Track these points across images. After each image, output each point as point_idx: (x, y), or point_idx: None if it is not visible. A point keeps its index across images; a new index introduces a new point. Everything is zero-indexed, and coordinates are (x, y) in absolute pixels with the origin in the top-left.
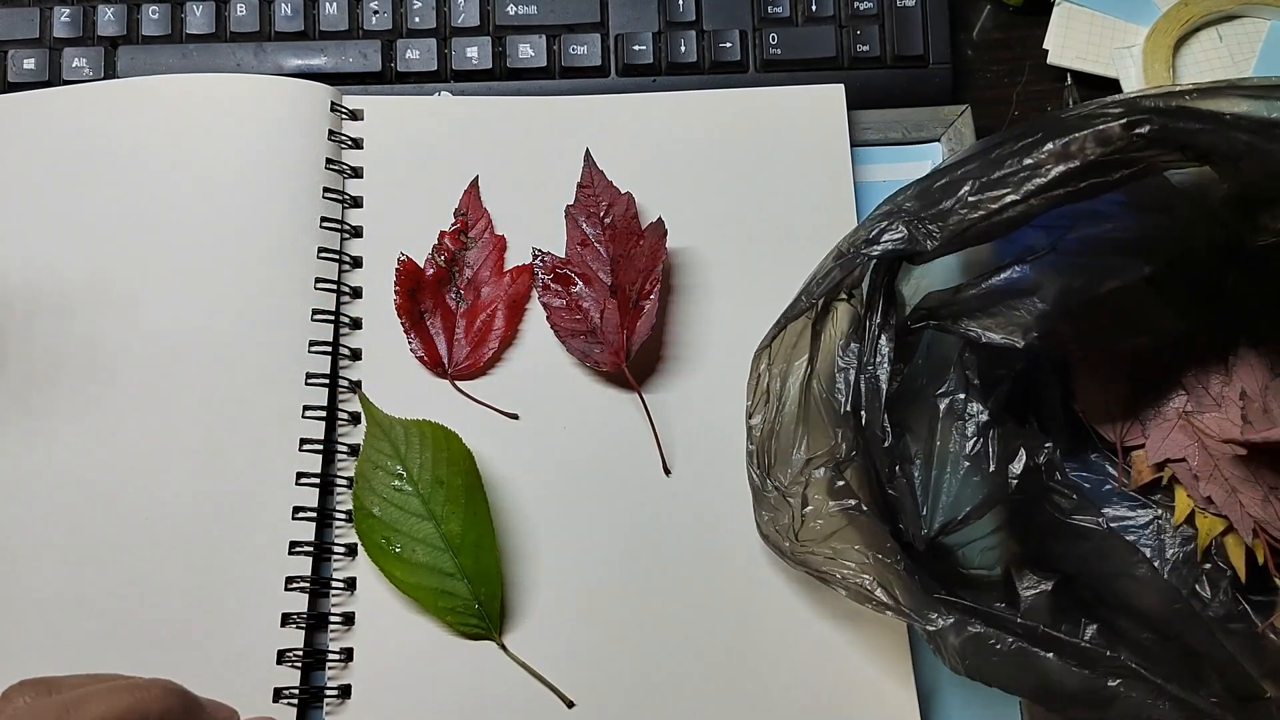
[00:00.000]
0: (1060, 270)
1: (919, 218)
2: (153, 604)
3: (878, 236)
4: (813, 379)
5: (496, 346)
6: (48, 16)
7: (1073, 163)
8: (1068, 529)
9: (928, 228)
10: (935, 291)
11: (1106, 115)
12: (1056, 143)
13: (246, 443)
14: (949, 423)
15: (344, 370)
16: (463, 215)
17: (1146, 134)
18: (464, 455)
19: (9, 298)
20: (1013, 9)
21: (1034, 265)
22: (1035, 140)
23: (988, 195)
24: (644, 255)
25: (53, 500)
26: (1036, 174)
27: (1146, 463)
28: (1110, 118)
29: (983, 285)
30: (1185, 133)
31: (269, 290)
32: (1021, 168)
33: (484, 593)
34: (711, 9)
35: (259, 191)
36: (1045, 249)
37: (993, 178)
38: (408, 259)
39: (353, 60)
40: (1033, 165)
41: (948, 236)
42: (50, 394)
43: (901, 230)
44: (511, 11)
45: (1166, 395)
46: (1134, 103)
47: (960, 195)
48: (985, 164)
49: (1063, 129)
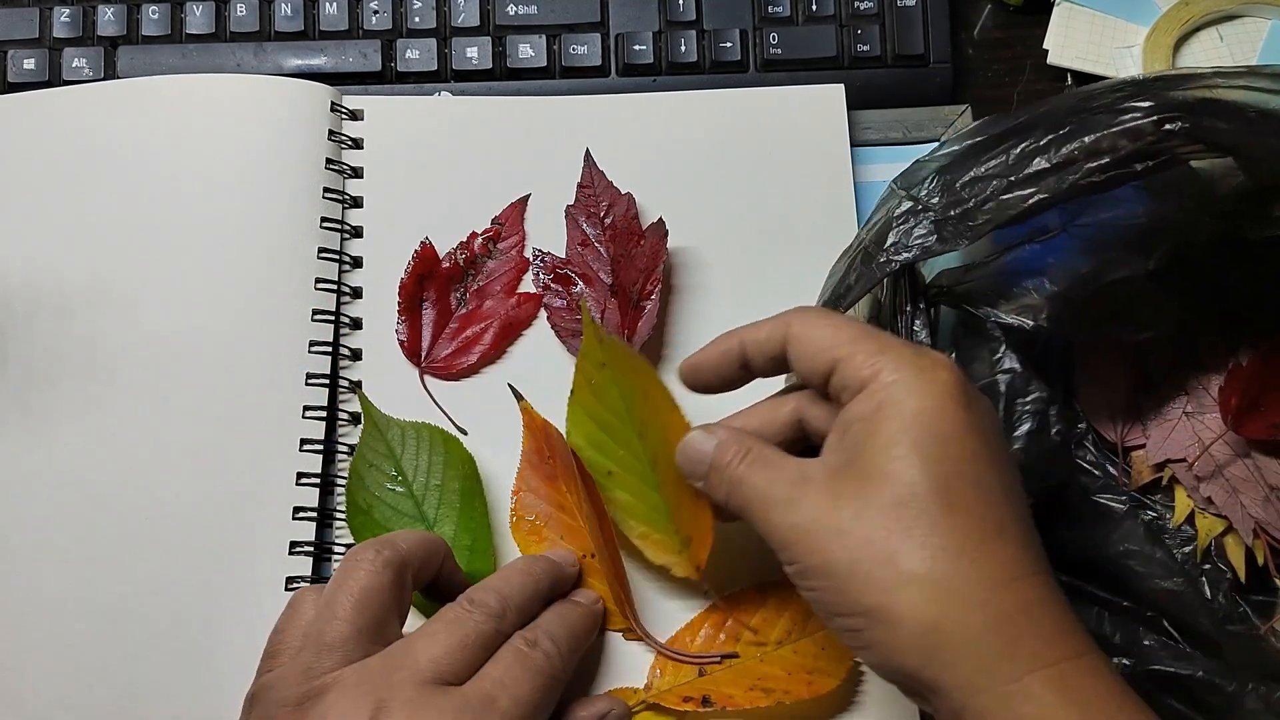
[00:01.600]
0: (1070, 254)
1: (947, 218)
2: (153, 604)
3: (908, 242)
4: None
5: (475, 360)
6: (48, 16)
7: (1103, 159)
8: (1090, 509)
9: (956, 228)
10: (946, 270)
11: (1136, 109)
12: (1086, 140)
13: (246, 443)
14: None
15: (344, 370)
16: (499, 225)
17: (1176, 131)
18: (463, 459)
19: (9, 298)
20: (1013, 9)
21: (1044, 247)
22: (1062, 136)
23: (1016, 195)
24: (644, 255)
25: (53, 500)
26: (1068, 171)
27: (1147, 463)
28: (1140, 112)
29: (993, 265)
30: (1214, 131)
31: (269, 290)
32: (1051, 167)
33: None
34: (711, 9)
35: (259, 191)
36: (1057, 229)
37: (1021, 176)
38: (430, 245)
39: (353, 60)
40: (1063, 163)
41: (976, 235)
42: (50, 394)
43: (931, 231)
44: (511, 11)
45: (1168, 396)
46: (1162, 95)
47: (989, 194)
48: (1011, 161)
49: (1090, 125)
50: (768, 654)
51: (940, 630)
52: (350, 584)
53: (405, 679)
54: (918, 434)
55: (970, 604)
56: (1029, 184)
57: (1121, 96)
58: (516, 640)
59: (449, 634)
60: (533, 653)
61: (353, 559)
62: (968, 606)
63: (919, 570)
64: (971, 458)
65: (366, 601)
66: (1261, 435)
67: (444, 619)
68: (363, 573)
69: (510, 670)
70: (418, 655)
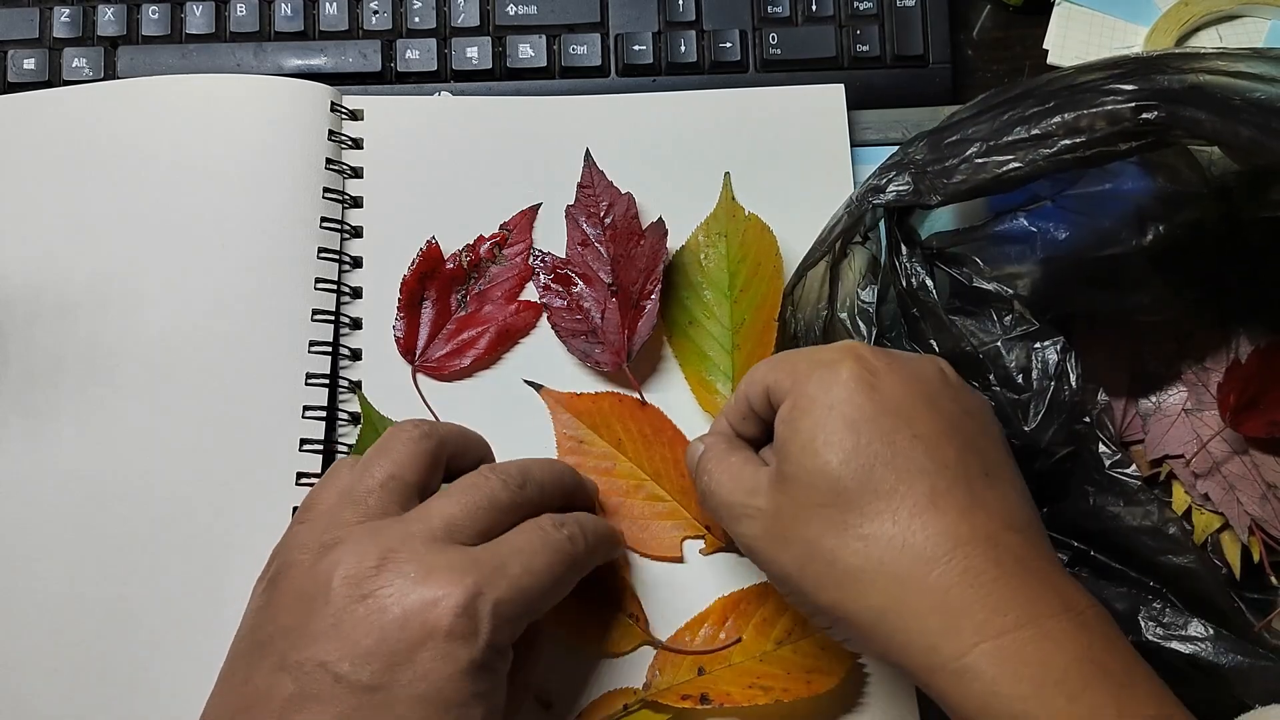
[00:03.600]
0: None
1: (925, 171)
2: (153, 604)
3: (885, 185)
4: (834, 321)
5: (469, 364)
6: (48, 16)
7: (1080, 138)
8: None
9: (932, 182)
10: (940, 232)
11: (1118, 93)
12: (1067, 116)
13: (246, 443)
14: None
15: (344, 370)
16: (507, 231)
17: (1154, 120)
18: None
19: (9, 298)
20: (1013, 9)
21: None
22: (1045, 110)
23: (993, 160)
24: (644, 255)
25: (53, 500)
26: (1043, 145)
27: (1144, 458)
28: (1122, 96)
29: (984, 231)
30: (1191, 122)
31: (269, 290)
32: (1030, 137)
33: None
34: (711, 9)
35: (259, 192)
36: (1046, 198)
37: (1001, 143)
38: (435, 244)
39: (353, 60)
40: (1040, 136)
41: (951, 193)
42: (51, 394)
43: (908, 182)
44: (511, 11)
45: (1166, 391)
46: (1149, 79)
47: (967, 155)
48: (995, 127)
49: (1074, 103)
50: (768, 654)
51: (887, 617)
52: (388, 450)
53: (417, 532)
54: (830, 427)
55: (909, 586)
56: (1006, 151)
57: (1112, 76)
58: (545, 519)
59: (465, 495)
60: (557, 532)
61: (394, 430)
62: (908, 588)
63: (856, 563)
64: (887, 438)
65: (400, 469)
66: (1260, 433)
67: (462, 483)
68: (400, 442)
69: (530, 541)
70: (432, 513)
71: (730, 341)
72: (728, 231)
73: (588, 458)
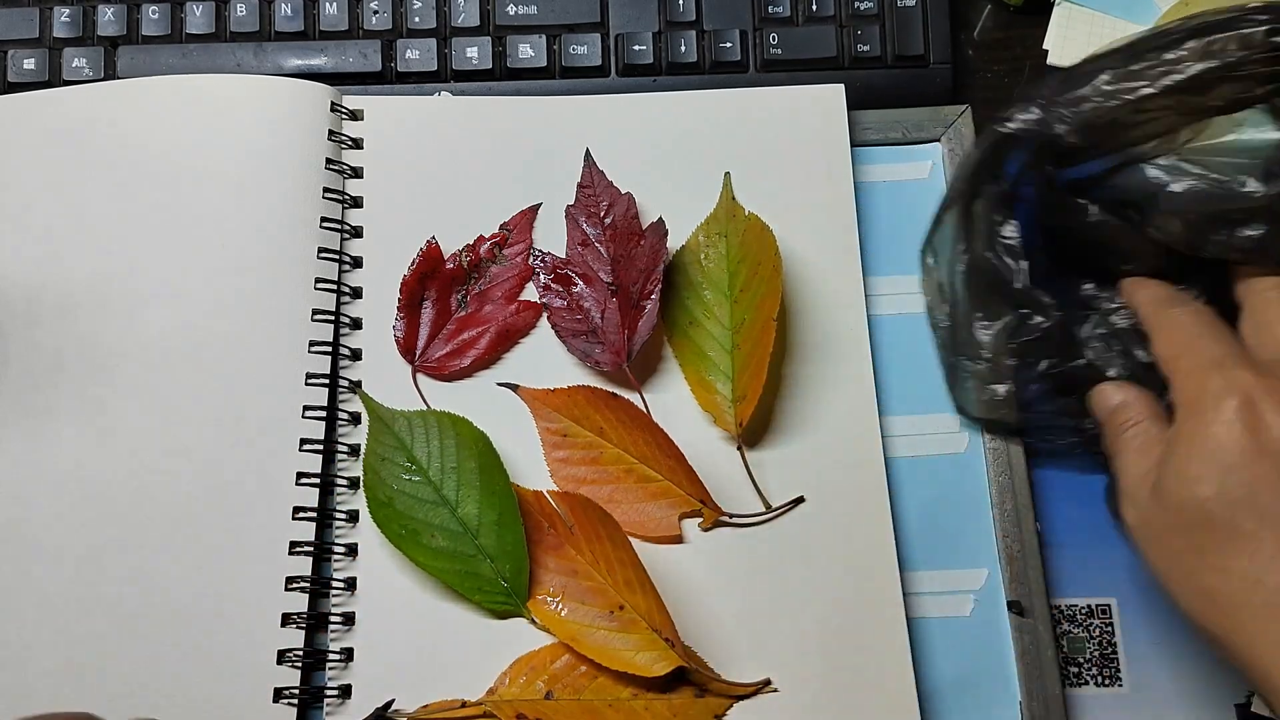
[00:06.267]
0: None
1: (1054, 101)
2: (153, 604)
3: (1012, 115)
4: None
5: (469, 364)
6: (48, 16)
7: (1212, 62)
8: None
9: (1060, 111)
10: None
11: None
12: (1198, 40)
13: (246, 443)
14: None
15: (344, 370)
16: (507, 231)
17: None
18: (475, 437)
19: (9, 298)
20: (1013, 9)
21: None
22: (1176, 36)
23: (1123, 85)
24: (645, 255)
25: (53, 500)
26: (1175, 69)
27: None
28: (1255, 23)
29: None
30: None
31: (269, 290)
32: (1161, 62)
33: (509, 569)
34: (711, 9)
35: (259, 191)
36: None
37: (1131, 69)
38: (435, 244)
39: (353, 60)
40: (1172, 61)
41: (1080, 123)
42: (51, 394)
43: (1035, 112)
44: (511, 11)
45: None
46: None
47: (1096, 83)
48: (1125, 55)
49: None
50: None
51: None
52: None
53: None
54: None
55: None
56: (1137, 78)
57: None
58: None
59: None
60: None
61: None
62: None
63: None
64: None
65: None
66: None
67: None
68: None
69: None
70: None
71: (730, 341)
72: (728, 231)
73: (574, 449)
